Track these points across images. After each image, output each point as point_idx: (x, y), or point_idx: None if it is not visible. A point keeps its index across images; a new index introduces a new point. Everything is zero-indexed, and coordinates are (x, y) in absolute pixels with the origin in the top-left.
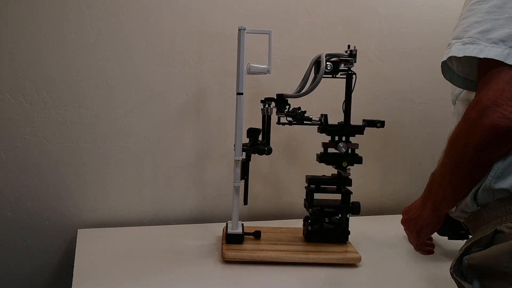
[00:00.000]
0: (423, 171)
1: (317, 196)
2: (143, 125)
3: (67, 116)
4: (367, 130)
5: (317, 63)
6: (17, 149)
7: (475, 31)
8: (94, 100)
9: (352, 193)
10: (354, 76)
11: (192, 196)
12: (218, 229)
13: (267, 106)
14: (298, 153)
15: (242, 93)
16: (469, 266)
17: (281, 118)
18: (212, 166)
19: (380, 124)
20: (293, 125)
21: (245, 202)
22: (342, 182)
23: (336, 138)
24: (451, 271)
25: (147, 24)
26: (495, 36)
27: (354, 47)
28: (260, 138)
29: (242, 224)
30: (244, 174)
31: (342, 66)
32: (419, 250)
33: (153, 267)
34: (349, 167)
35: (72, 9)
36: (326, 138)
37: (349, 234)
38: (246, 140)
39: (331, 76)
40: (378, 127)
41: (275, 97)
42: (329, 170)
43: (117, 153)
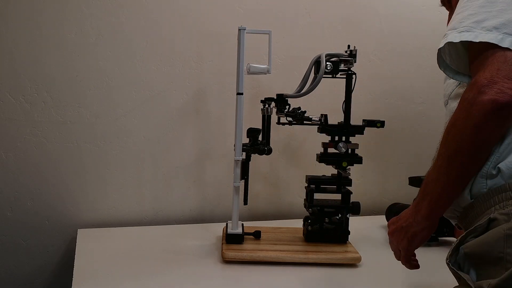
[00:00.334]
0: (423, 171)
1: (317, 196)
2: (143, 125)
3: (67, 116)
4: (367, 130)
5: (317, 63)
6: (17, 149)
7: (470, 21)
8: (94, 100)
9: (352, 193)
10: (354, 76)
11: (192, 196)
12: (218, 229)
13: (267, 106)
14: (298, 153)
15: (242, 93)
16: (465, 255)
17: (281, 118)
18: (212, 166)
19: (380, 124)
20: (293, 125)
21: (245, 202)
22: (342, 182)
23: (336, 138)
24: (447, 261)
25: (147, 24)
26: (489, 24)
27: (354, 47)
28: (260, 138)
29: (242, 224)
30: (244, 174)
31: (342, 66)
32: (406, 263)
33: (153, 267)
34: (349, 167)
35: (72, 9)
36: (326, 138)
37: (349, 234)
38: (246, 140)
39: (331, 76)
40: (378, 127)
41: (275, 97)
42: (329, 170)
43: (117, 153)
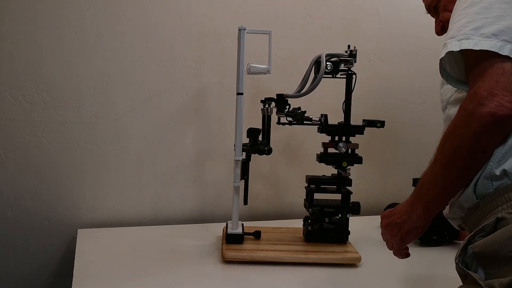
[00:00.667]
0: (423, 171)
1: (317, 196)
2: (143, 125)
3: (67, 116)
4: (367, 130)
5: (317, 63)
6: (17, 149)
7: (468, 29)
8: (94, 100)
9: (352, 193)
10: (354, 76)
11: (192, 196)
12: (218, 229)
13: (267, 106)
14: (298, 153)
15: (242, 93)
16: (473, 255)
17: (281, 118)
18: (212, 166)
19: (380, 124)
20: (293, 125)
21: (245, 202)
22: (342, 182)
23: (336, 138)
24: (456, 260)
25: (147, 24)
26: (487, 31)
27: (354, 47)
28: (260, 138)
29: (242, 224)
30: (244, 174)
31: (342, 66)
32: (398, 254)
33: (153, 267)
34: (349, 167)
35: (72, 9)
36: (326, 138)
37: (349, 234)
38: (246, 140)
39: (331, 76)
40: (378, 127)
41: (275, 97)
42: (329, 170)
43: (117, 153)
